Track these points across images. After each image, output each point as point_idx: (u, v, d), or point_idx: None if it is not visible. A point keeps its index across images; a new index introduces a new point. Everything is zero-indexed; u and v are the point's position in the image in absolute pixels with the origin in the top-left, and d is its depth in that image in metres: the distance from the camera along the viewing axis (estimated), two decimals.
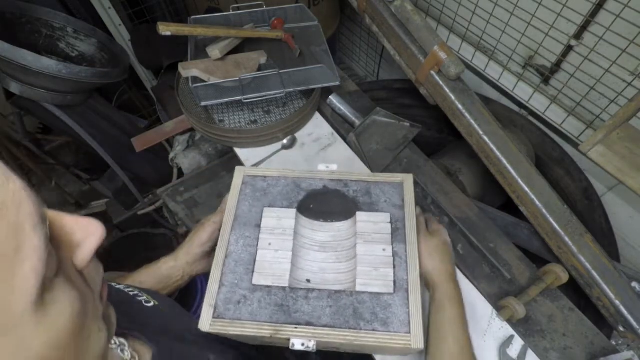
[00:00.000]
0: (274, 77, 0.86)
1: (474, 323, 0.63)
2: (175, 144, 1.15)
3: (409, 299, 0.49)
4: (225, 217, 0.57)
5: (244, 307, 0.50)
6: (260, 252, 0.54)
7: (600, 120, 0.84)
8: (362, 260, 0.53)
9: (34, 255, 0.19)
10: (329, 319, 0.48)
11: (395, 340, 0.46)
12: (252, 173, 0.62)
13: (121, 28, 1.41)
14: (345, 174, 0.60)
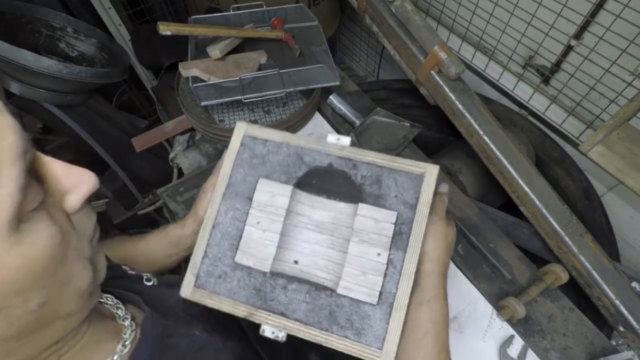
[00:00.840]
0: (274, 77, 0.86)
1: (474, 323, 0.63)
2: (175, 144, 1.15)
3: (392, 315, 0.45)
4: (218, 182, 0.53)
5: (224, 283, 0.50)
6: (247, 229, 0.51)
7: (600, 120, 0.84)
8: (351, 261, 0.47)
9: (11, 183, 0.21)
10: (302, 315, 0.48)
11: (365, 353, 0.45)
12: (253, 133, 0.53)
13: (121, 28, 1.41)
14: (358, 152, 0.49)
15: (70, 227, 0.28)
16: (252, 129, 0.53)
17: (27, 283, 0.24)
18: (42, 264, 0.24)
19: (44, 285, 0.25)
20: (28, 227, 0.23)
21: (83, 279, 0.29)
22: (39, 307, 0.25)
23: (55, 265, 0.25)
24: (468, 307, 0.65)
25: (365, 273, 0.46)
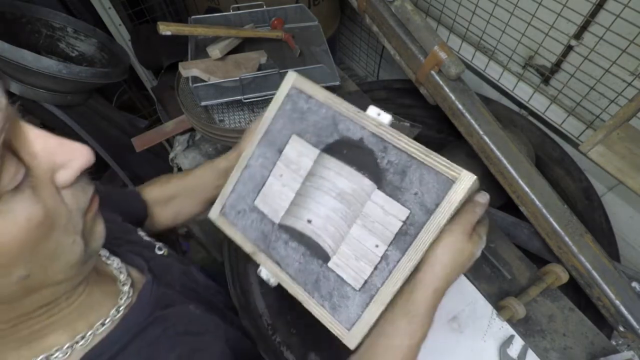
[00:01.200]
0: (274, 77, 0.86)
1: (474, 323, 0.63)
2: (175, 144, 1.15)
3: (368, 306, 0.45)
4: (259, 126, 0.54)
5: (241, 219, 0.54)
6: (270, 179, 0.53)
7: (600, 120, 0.84)
8: (349, 241, 0.47)
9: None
10: (293, 271, 0.50)
11: (334, 327, 0.46)
12: (300, 86, 0.52)
13: (121, 28, 1.41)
14: (393, 134, 0.44)
15: (59, 203, 0.27)
16: (300, 81, 0.52)
17: (4, 260, 0.24)
18: (20, 244, 0.24)
19: (25, 261, 0.25)
20: (5, 207, 0.23)
21: (72, 253, 0.29)
22: (22, 279, 0.25)
23: (35, 243, 0.25)
24: (468, 307, 0.65)
25: (358, 258, 0.46)
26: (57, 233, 0.27)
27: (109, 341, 0.35)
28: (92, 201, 0.31)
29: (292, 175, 0.51)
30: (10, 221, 0.23)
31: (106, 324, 0.36)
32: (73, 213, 0.28)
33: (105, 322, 0.36)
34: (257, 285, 0.80)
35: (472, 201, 0.42)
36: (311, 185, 0.50)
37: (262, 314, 0.76)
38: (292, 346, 0.72)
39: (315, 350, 0.72)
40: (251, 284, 0.80)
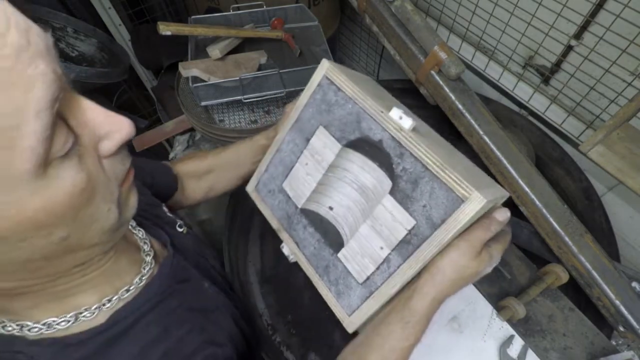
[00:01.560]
0: (274, 77, 0.86)
1: (474, 323, 0.63)
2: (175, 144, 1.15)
3: (367, 300, 0.47)
4: (293, 111, 0.56)
5: (271, 197, 0.59)
6: (297, 165, 0.55)
7: (600, 120, 0.84)
8: (358, 238, 0.49)
9: (32, 137, 0.22)
10: (308, 253, 0.54)
11: (337, 310, 0.50)
12: (332, 76, 0.52)
13: (121, 28, 1.41)
14: (412, 140, 0.43)
15: (100, 171, 0.29)
16: (332, 71, 0.52)
17: (49, 221, 0.25)
18: (64, 208, 0.26)
19: (66, 224, 0.27)
20: (55, 172, 0.25)
21: (107, 220, 0.30)
22: (62, 240, 0.27)
23: (78, 208, 0.27)
24: (468, 307, 0.65)
25: (363, 255, 0.48)
26: (96, 200, 0.28)
27: (131, 307, 0.38)
28: (129, 172, 0.33)
29: (316, 166, 0.53)
30: (58, 186, 0.25)
31: (130, 291, 0.39)
32: (111, 182, 0.30)
33: (129, 288, 0.39)
34: (257, 285, 0.80)
35: (488, 217, 0.41)
36: (333, 176, 0.52)
37: (262, 314, 0.76)
38: (292, 346, 0.72)
39: (315, 350, 0.72)
40: (251, 284, 0.80)
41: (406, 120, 0.44)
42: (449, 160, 0.42)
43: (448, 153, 0.46)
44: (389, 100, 0.54)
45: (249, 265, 0.82)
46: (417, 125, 0.46)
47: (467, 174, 0.41)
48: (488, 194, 0.39)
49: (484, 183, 0.43)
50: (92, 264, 0.35)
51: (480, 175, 0.47)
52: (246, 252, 0.85)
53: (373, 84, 0.58)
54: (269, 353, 0.68)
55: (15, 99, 0.21)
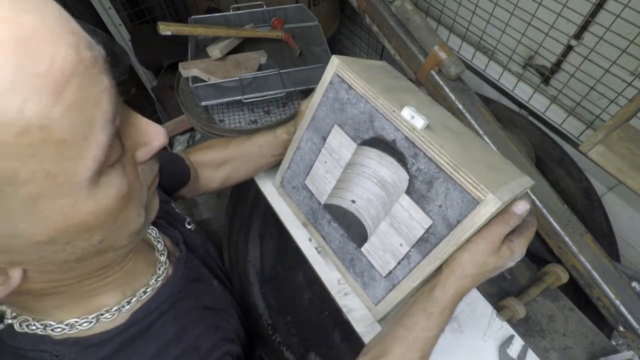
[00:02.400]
0: (274, 77, 0.86)
1: (474, 323, 0.63)
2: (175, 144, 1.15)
3: (391, 292, 0.49)
4: (308, 110, 0.55)
5: (295, 193, 0.61)
6: (317, 164, 0.56)
7: (600, 120, 0.84)
8: (378, 234, 0.49)
9: (97, 147, 0.24)
10: (335, 247, 0.56)
11: (365, 300, 0.53)
12: (342, 74, 0.50)
13: (121, 28, 1.41)
14: (426, 140, 0.42)
15: (136, 177, 0.30)
16: (342, 68, 0.50)
17: (94, 225, 0.27)
18: (109, 212, 0.27)
19: (106, 227, 0.28)
20: (105, 179, 0.26)
21: (136, 223, 0.32)
22: (99, 243, 0.29)
23: (118, 212, 0.28)
24: (468, 307, 0.65)
25: (385, 251, 0.49)
26: (130, 205, 0.30)
27: (149, 308, 0.40)
28: (155, 177, 0.34)
29: (334, 164, 0.53)
30: (106, 192, 0.27)
31: (147, 292, 0.40)
32: (143, 187, 0.32)
33: (146, 290, 0.40)
34: (257, 285, 0.80)
35: (507, 212, 0.40)
36: (352, 172, 0.52)
37: (262, 314, 0.76)
38: (292, 346, 0.72)
39: (315, 350, 0.72)
40: (251, 284, 0.80)
41: (418, 120, 0.43)
42: (466, 158, 0.41)
43: (467, 149, 0.44)
44: (403, 92, 0.51)
45: (249, 265, 0.82)
46: (432, 123, 0.44)
47: (486, 172, 0.41)
48: (505, 193, 0.39)
49: (505, 178, 0.42)
50: (114, 265, 0.36)
51: (503, 169, 0.44)
52: (246, 252, 0.85)
53: (387, 72, 0.56)
54: (268, 353, 0.68)
55: (88, 113, 0.23)
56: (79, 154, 0.23)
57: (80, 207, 0.25)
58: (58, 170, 0.23)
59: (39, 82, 0.20)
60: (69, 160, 0.23)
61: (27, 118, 0.20)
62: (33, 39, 0.20)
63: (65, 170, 0.23)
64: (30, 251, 0.25)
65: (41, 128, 0.21)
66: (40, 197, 0.23)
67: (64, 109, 0.22)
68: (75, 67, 0.22)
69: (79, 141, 0.23)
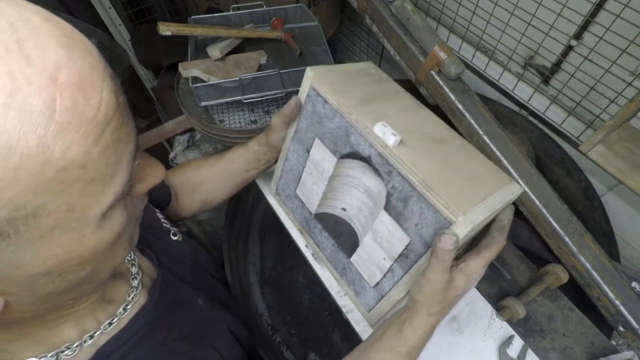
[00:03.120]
0: (274, 77, 0.86)
1: (474, 323, 0.63)
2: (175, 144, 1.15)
3: (380, 301, 0.49)
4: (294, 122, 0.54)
5: (289, 202, 0.61)
6: (304, 175, 0.56)
7: (600, 120, 0.84)
8: (363, 247, 0.49)
9: (119, 184, 0.25)
10: (328, 254, 0.56)
11: (357, 306, 0.54)
12: (317, 87, 0.49)
13: (121, 28, 1.41)
14: (398, 158, 0.41)
15: (132, 210, 0.30)
16: (317, 82, 0.49)
17: (90, 258, 0.27)
18: (106, 245, 0.27)
19: (98, 260, 0.28)
20: (110, 214, 0.26)
21: (121, 256, 0.32)
22: (86, 275, 0.28)
23: (112, 245, 0.28)
24: (468, 307, 0.65)
25: (370, 263, 0.49)
26: (122, 239, 0.30)
27: (117, 341, 0.37)
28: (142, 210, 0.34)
29: (319, 176, 0.53)
30: (110, 226, 0.27)
31: (114, 323, 0.37)
32: (133, 220, 0.31)
33: (113, 321, 0.37)
34: (257, 285, 0.80)
35: (435, 250, 0.37)
36: (338, 183, 0.52)
37: (262, 314, 0.76)
38: (292, 346, 0.72)
39: (315, 350, 0.72)
40: (251, 284, 0.80)
41: (389, 138, 0.41)
42: (441, 175, 0.40)
43: (446, 162, 0.42)
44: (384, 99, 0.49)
45: (249, 265, 0.83)
46: (409, 135, 0.43)
47: (463, 188, 0.39)
48: (480, 212, 0.37)
49: (485, 192, 0.40)
50: (83, 296, 0.34)
51: (486, 180, 0.42)
52: (246, 252, 0.85)
53: (370, 76, 0.54)
54: (269, 353, 0.68)
55: (119, 153, 0.24)
56: (101, 190, 0.24)
57: (85, 241, 0.25)
58: (78, 204, 0.23)
59: (87, 125, 0.21)
60: (91, 197, 0.24)
61: (70, 158, 0.21)
62: (85, 85, 0.22)
63: (83, 205, 0.23)
64: (23, 282, 0.24)
65: (79, 167, 0.22)
66: (55, 230, 0.23)
67: (101, 150, 0.23)
68: (115, 111, 0.23)
69: (106, 179, 0.24)
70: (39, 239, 0.22)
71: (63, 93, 0.20)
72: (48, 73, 0.20)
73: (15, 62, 0.19)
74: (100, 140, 0.22)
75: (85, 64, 0.22)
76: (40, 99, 0.19)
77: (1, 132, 0.18)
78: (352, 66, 0.55)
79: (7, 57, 0.19)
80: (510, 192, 0.41)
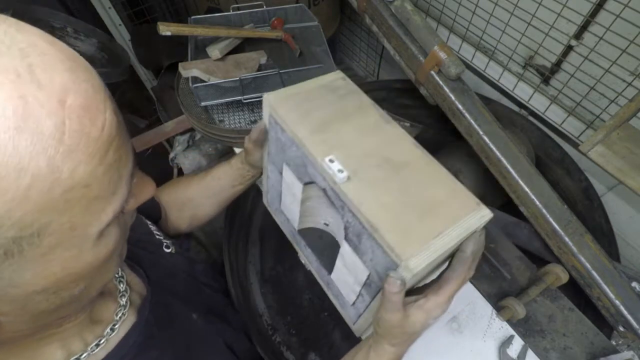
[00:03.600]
0: (274, 77, 0.86)
1: (474, 323, 0.63)
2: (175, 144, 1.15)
3: (360, 319, 0.50)
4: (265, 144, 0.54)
5: (278, 215, 0.61)
6: (283, 194, 0.56)
7: (600, 120, 0.84)
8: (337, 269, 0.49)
9: (118, 200, 0.25)
10: (315, 268, 0.57)
11: (345, 317, 0.54)
12: (275, 116, 0.47)
13: (121, 28, 1.41)
14: (344, 195, 0.40)
15: (123, 227, 0.30)
16: (274, 110, 0.47)
17: (85, 275, 0.27)
18: (101, 261, 0.27)
19: (91, 277, 0.28)
20: (107, 231, 0.27)
21: (111, 273, 0.32)
22: (79, 292, 0.28)
23: (106, 262, 0.28)
24: (468, 307, 0.65)
25: (345, 285, 0.50)
26: (115, 255, 0.30)
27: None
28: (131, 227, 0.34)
29: (292, 198, 0.53)
30: (106, 243, 0.27)
31: (101, 345, 0.36)
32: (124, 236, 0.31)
33: (100, 342, 0.36)
34: (257, 285, 0.80)
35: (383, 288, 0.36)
36: (312, 203, 0.53)
37: (262, 314, 0.76)
38: (292, 346, 0.72)
39: (315, 350, 0.72)
40: (251, 284, 0.80)
41: (337, 175, 0.39)
42: (392, 211, 0.37)
43: (402, 191, 0.39)
44: (344, 119, 0.46)
45: (249, 265, 0.83)
46: (365, 163, 0.41)
47: (415, 223, 0.36)
48: (433, 250, 0.35)
49: (443, 225, 0.36)
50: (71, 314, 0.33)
51: (447, 209, 0.39)
52: (246, 252, 0.85)
53: (333, 91, 0.51)
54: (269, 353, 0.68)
55: (120, 170, 0.25)
56: (103, 208, 0.24)
57: (83, 258, 0.25)
58: (80, 222, 0.23)
59: (94, 146, 0.22)
60: (93, 214, 0.24)
61: (76, 178, 0.22)
62: (91, 107, 0.22)
63: (85, 222, 0.24)
64: (19, 300, 0.24)
65: (85, 186, 0.22)
66: (57, 248, 0.23)
67: (104, 169, 0.23)
68: (117, 131, 0.24)
69: (108, 197, 0.24)
70: (41, 257, 0.23)
71: (71, 115, 0.21)
72: (57, 96, 0.21)
73: (26, 87, 0.20)
74: (105, 160, 0.23)
75: (89, 87, 0.23)
76: (50, 122, 0.20)
77: (14, 154, 0.19)
78: (318, 81, 0.52)
79: (19, 82, 0.19)
80: (478, 219, 0.38)
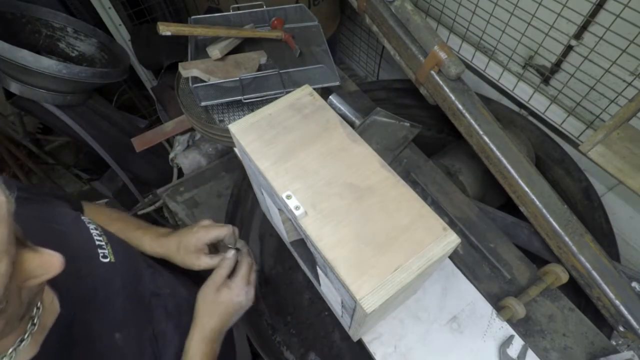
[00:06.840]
0: (274, 77, 0.86)
1: (474, 323, 0.63)
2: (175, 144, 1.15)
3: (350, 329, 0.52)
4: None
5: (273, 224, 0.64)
6: (270, 209, 0.57)
7: (600, 120, 0.84)
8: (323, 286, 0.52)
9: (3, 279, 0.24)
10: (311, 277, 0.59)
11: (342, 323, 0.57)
12: (241, 147, 0.47)
13: (121, 28, 1.41)
14: (306, 231, 0.40)
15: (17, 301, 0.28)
16: (239, 141, 0.47)
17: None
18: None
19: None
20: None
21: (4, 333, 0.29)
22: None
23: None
24: (468, 307, 0.65)
25: (332, 298, 0.51)
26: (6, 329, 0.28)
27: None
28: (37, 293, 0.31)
29: (276, 217, 0.55)
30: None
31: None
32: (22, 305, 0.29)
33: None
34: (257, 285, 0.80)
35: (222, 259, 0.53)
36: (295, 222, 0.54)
37: (262, 314, 0.76)
38: (292, 346, 0.72)
39: (315, 350, 0.72)
40: None
41: (293, 211, 0.39)
42: (349, 246, 0.38)
43: (361, 221, 0.39)
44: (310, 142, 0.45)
45: None
46: (325, 190, 0.41)
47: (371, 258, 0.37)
48: (390, 286, 0.35)
49: (402, 257, 0.37)
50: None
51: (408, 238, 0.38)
52: None
53: (299, 110, 0.49)
54: (268, 353, 0.68)
55: None
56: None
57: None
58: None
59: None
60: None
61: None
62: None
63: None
64: None
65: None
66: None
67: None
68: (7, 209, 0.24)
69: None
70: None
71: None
72: None
73: None
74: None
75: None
76: None
77: None
78: (284, 100, 0.50)
79: None
80: (442, 247, 0.38)
